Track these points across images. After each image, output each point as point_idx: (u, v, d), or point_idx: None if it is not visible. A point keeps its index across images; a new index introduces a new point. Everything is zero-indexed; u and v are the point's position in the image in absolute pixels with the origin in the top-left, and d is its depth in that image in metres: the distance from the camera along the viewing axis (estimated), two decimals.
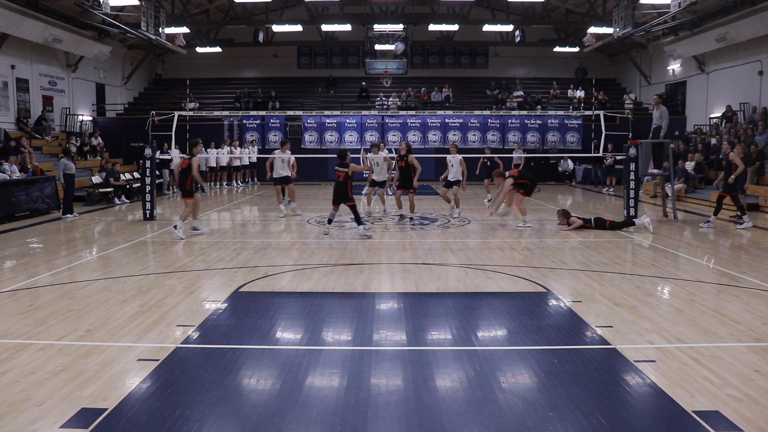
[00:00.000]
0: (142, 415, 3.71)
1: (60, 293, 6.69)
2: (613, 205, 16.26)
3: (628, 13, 17.84)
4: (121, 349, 4.85)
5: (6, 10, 16.57)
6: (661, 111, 13.38)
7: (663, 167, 13.49)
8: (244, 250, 9.35)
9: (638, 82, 26.87)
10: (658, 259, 8.59)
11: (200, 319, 5.68)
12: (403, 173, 12.38)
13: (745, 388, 4.03)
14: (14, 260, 8.80)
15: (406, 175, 12.34)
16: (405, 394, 3.99)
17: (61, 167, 13.53)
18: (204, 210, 14.74)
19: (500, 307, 6.31)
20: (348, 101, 26.57)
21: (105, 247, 9.83)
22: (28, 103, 19.85)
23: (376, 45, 23.89)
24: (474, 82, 28.21)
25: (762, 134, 16.78)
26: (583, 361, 4.62)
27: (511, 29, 23.98)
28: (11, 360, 4.59)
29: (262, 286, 7.10)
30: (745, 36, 18.36)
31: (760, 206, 14.38)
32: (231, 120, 24.50)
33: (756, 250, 9.49)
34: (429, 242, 10.11)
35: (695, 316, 5.74)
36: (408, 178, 12.32)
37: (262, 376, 4.36)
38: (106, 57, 22.65)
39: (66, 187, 13.57)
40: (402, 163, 12.38)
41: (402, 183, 12.49)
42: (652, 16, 18.71)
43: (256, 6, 24.16)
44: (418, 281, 7.26)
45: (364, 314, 5.99)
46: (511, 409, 3.76)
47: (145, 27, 17.84)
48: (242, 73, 28.90)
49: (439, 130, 24.63)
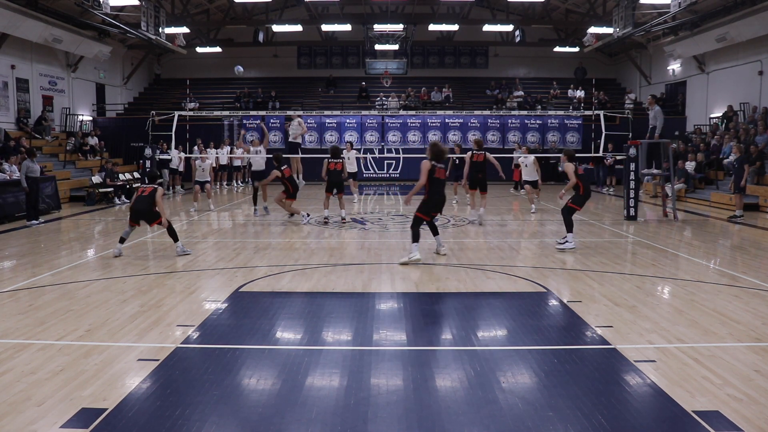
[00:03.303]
0: (142, 415, 3.70)
1: (60, 293, 6.69)
2: (614, 205, 16.26)
3: (628, 13, 17.84)
4: (121, 349, 4.85)
5: (6, 10, 16.56)
6: (655, 111, 13.39)
7: (663, 167, 13.49)
8: (244, 250, 9.35)
9: (638, 82, 26.86)
10: (658, 259, 8.59)
11: (200, 319, 5.68)
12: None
13: (745, 388, 4.03)
14: (14, 260, 8.81)
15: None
16: (405, 394, 3.99)
17: (24, 169, 12.31)
18: (204, 210, 14.74)
19: (500, 307, 6.31)
20: (348, 101, 26.57)
21: (104, 247, 9.83)
22: (28, 103, 19.85)
23: (376, 45, 23.89)
24: (474, 82, 28.21)
25: (762, 134, 16.78)
26: (583, 361, 4.62)
27: (511, 29, 23.97)
28: (11, 360, 4.59)
29: (262, 286, 7.09)
30: (745, 36, 18.36)
31: (760, 206, 14.39)
32: (231, 120, 24.50)
33: (756, 250, 9.49)
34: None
35: (695, 316, 5.74)
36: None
37: (262, 376, 4.36)
38: (106, 57, 22.65)
39: (29, 191, 12.33)
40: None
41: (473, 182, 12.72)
42: (652, 16, 18.71)
43: (256, 6, 24.15)
44: (418, 281, 7.26)
45: (364, 314, 5.99)
46: (511, 409, 3.76)
47: (145, 27, 17.84)
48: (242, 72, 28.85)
49: (439, 130, 24.62)
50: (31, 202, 12.56)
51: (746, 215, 12.97)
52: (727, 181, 15.52)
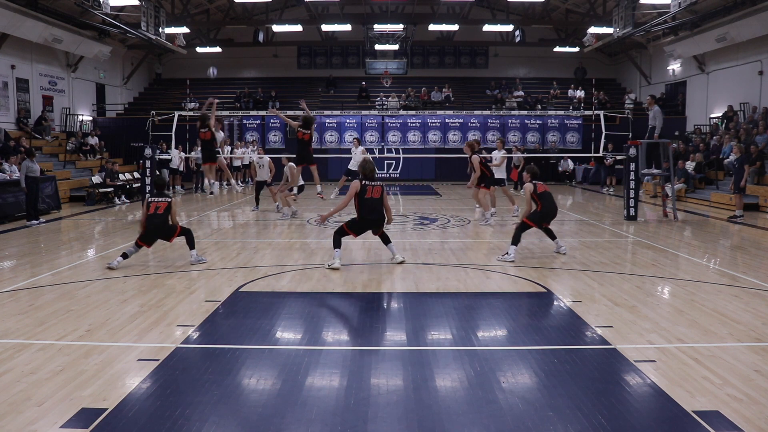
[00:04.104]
0: (142, 415, 3.70)
1: (60, 293, 6.69)
2: (614, 205, 16.27)
3: (628, 13, 17.84)
4: (121, 349, 4.85)
5: (6, 10, 16.57)
6: (654, 111, 13.39)
7: (663, 167, 13.49)
8: (244, 250, 9.35)
9: (638, 82, 26.87)
10: (658, 259, 8.59)
11: (200, 319, 5.68)
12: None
13: (745, 388, 4.03)
14: (14, 260, 8.81)
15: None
16: (405, 394, 3.99)
17: (23, 170, 12.36)
18: (204, 210, 14.74)
19: (500, 307, 6.31)
20: (348, 101, 26.57)
21: (104, 247, 9.83)
22: (28, 103, 19.85)
23: (376, 45, 23.90)
24: (474, 82, 28.21)
25: (762, 134, 16.78)
26: (583, 361, 4.62)
27: (511, 29, 23.98)
28: (11, 360, 4.59)
29: (262, 286, 7.09)
30: (745, 36, 18.36)
31: (760, 206, 14.39)
32: (231, 120, 24.49)
33: (756, 250, 9.49)
34: (429, 242, 10.11)
35: (695, 316, 5.74)
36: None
37: (262, 376, 4.36)
38: (106, 57, 22.66)
39: (29, 191, 12.38)
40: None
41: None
42: (652, 16, 18.71)
43: (256, 6, 24.16)
44: (418, 281, 7.26)
45: (364, 314, 5.99)
46: (511, 409, 3.76)
47: (145, 27, 17.84)
48: (242, 73, 28.90)
49: (439, 130, 24.63)
50: (31, 202, 12.55)
51: (746, 215, 12.97)
52: (727, 181, 15.51)
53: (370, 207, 7.80)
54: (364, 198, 7.76)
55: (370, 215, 7.84)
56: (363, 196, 7.76)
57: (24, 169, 12.39)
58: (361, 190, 7.76)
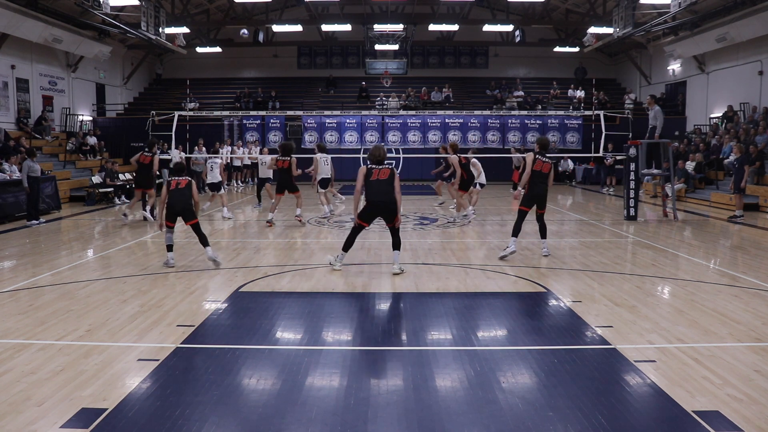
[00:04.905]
0: (142, 415, 3.70)
1: (60, 293, 6.69)
2: (614, 205, 16.26)
3: (628, 13, 17.83)
4: (121, 349, 4.85)
5: (6, 10, 16.56)
6: (655, 111, 13.39)
7: (663, 167, 13.49)
8: (244, 250, 9.35)
9: (638, 82, 26.86)
10: (658, 259, 8.59)
11: (200, 319, 5.68)
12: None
13: (745, 388, 4.03)
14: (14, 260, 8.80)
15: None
16: (405, 394, 3.99)
17: (25, 169, 12.26)
18: (204, 210, 14.72)
19: (500, 307, 6.31)
20: (348, 101, 26.57)
21: (104, 247, 9.83)
22: (28, 103, 19.85)
23: (376, 45, 23.89)
24: (474, 82, 28.21)
25: (762, 134, 16.78)
26: (583, 361, 4.62)
27: (511, 29, 23.95)
28: (11, 360, 4.59)
29: (262, 286, 7.09)
30: (745, 36, 18.36)
31: (760, 206, 14.39)
32: (231, 120, 24.50)
33: (756, 250, 9.49)
34: (429, 242, 10.11)
35: (695, 316, 5.74)
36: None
37: (262, 376, 4.36)
38: (106, 57, 22.65)
39: (30, 191, 12.32)
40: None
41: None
42: (652, 16, 18.71)
43: (256, 6, 24.15)
44: (418, 281, 7.26)
45: (364, 314, 5.99)
46: (511, 409, 3.76)
47: (145, 27, 17.83)
48: (242, 73, 28.90)
49: (439, 130, 24.62)
50: (32, 202, 12.52)
51: (746, 215, 12.97)
52: (727, 181, 15.52)
53: (376, 189, 7.57)
54: (370, 180, 7.60)
55: (377, 197, 7.58)
56: (369, 179, 7.62)
57: (26, 168, 12.33)
58: (367, 173, 7.63)
